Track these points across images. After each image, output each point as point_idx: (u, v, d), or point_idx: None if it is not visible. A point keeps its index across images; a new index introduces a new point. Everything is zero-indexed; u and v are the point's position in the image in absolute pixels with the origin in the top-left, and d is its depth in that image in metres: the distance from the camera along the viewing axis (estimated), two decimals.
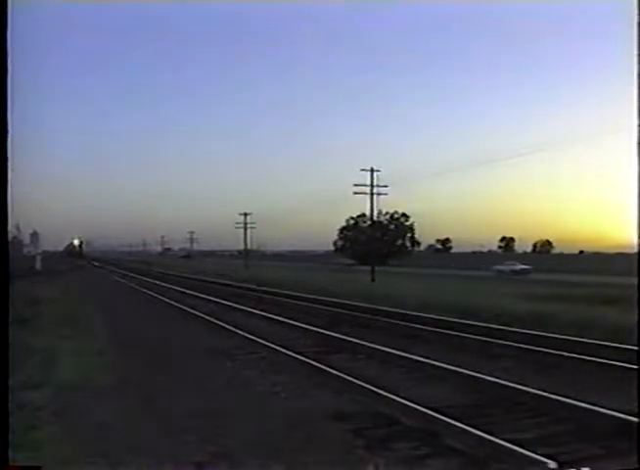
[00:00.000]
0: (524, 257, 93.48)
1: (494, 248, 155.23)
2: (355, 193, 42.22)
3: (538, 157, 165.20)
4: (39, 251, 71.81)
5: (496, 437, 6.03)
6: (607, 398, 7.29)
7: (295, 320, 16.65)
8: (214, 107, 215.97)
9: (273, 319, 17.49)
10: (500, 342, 12.26)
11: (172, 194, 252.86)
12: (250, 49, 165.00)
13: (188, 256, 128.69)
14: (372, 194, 41.82)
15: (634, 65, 3.59)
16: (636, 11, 3.64)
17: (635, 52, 3.61)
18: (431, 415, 6.86)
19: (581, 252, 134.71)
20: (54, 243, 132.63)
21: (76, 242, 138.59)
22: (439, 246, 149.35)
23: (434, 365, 9.90)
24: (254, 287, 31.49)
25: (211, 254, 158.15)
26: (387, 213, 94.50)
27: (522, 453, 5.59)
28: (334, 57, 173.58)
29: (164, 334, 15.17)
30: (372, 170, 41.44)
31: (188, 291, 29.97)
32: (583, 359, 10.32)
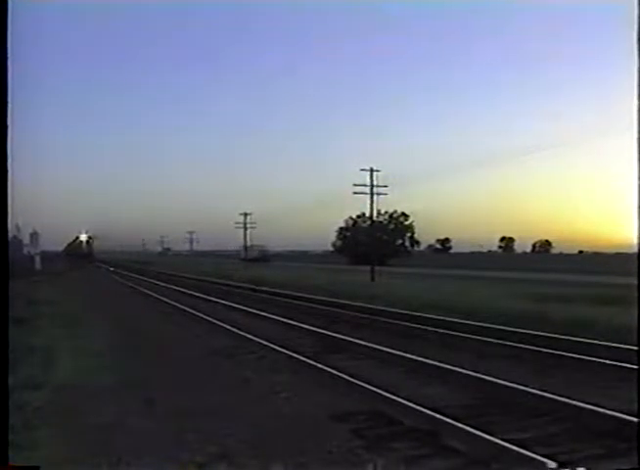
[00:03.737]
0: (522, 257, 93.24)
1: (494, 248, 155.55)
2: (355, 193, 42.19)
3: (538, 157, 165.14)
4: (38, 251, 71.39)
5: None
6: None
7: (295, 320, 16.64)
8: (215, 107, 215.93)
9: (274, 319, 17.49)
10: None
11: (172, 194, 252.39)
12: (249, 49, 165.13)
13: (258, 259, 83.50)
14: (372, 194, 41.80)
15: (634, 65, 3.60)
16: (636, 11, 3.65)
17: (635, 52, 3.62)
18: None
19: (580, 252, 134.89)
20: (54, 243, 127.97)
21: (83, 237, 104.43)
22: (439, 246, 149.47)
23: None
24: (254, 287, 31.81)
25: (211, 254, 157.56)
26: (386, 213, 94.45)
27: None
28: (334, 57, 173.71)
29: (166, 333, 15.23)
30: (371, 170, 41.38)
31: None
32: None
